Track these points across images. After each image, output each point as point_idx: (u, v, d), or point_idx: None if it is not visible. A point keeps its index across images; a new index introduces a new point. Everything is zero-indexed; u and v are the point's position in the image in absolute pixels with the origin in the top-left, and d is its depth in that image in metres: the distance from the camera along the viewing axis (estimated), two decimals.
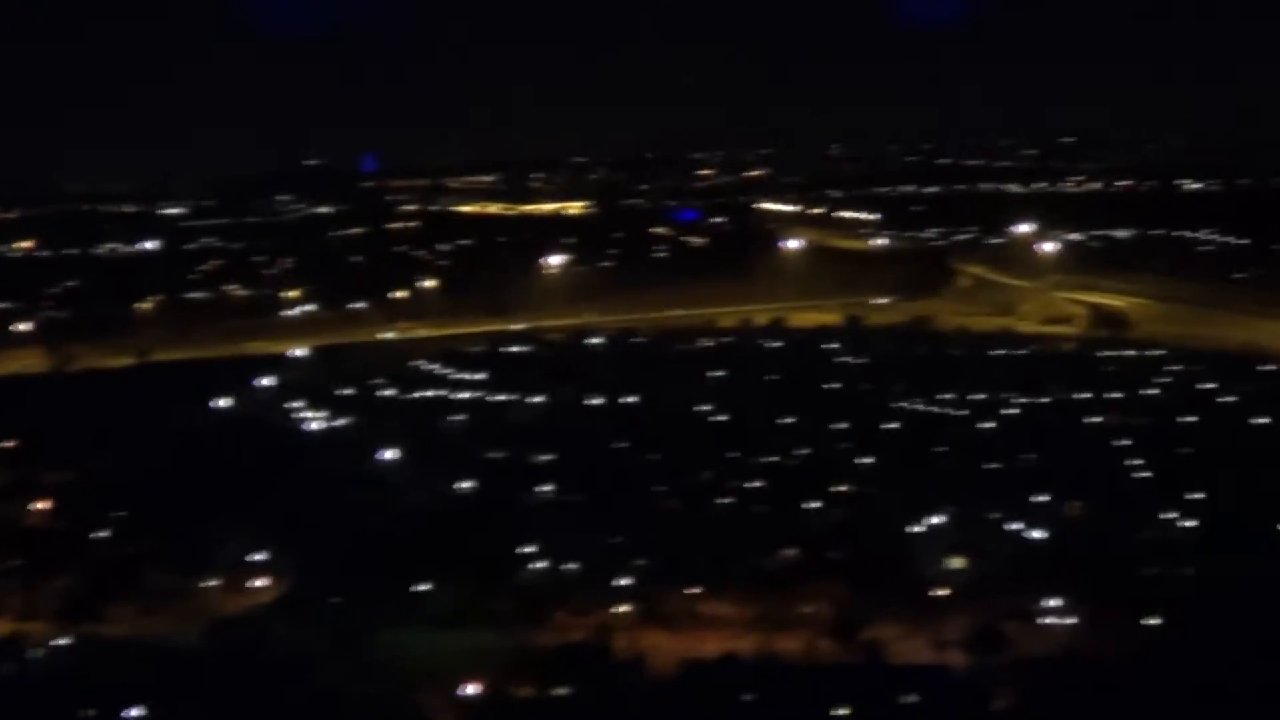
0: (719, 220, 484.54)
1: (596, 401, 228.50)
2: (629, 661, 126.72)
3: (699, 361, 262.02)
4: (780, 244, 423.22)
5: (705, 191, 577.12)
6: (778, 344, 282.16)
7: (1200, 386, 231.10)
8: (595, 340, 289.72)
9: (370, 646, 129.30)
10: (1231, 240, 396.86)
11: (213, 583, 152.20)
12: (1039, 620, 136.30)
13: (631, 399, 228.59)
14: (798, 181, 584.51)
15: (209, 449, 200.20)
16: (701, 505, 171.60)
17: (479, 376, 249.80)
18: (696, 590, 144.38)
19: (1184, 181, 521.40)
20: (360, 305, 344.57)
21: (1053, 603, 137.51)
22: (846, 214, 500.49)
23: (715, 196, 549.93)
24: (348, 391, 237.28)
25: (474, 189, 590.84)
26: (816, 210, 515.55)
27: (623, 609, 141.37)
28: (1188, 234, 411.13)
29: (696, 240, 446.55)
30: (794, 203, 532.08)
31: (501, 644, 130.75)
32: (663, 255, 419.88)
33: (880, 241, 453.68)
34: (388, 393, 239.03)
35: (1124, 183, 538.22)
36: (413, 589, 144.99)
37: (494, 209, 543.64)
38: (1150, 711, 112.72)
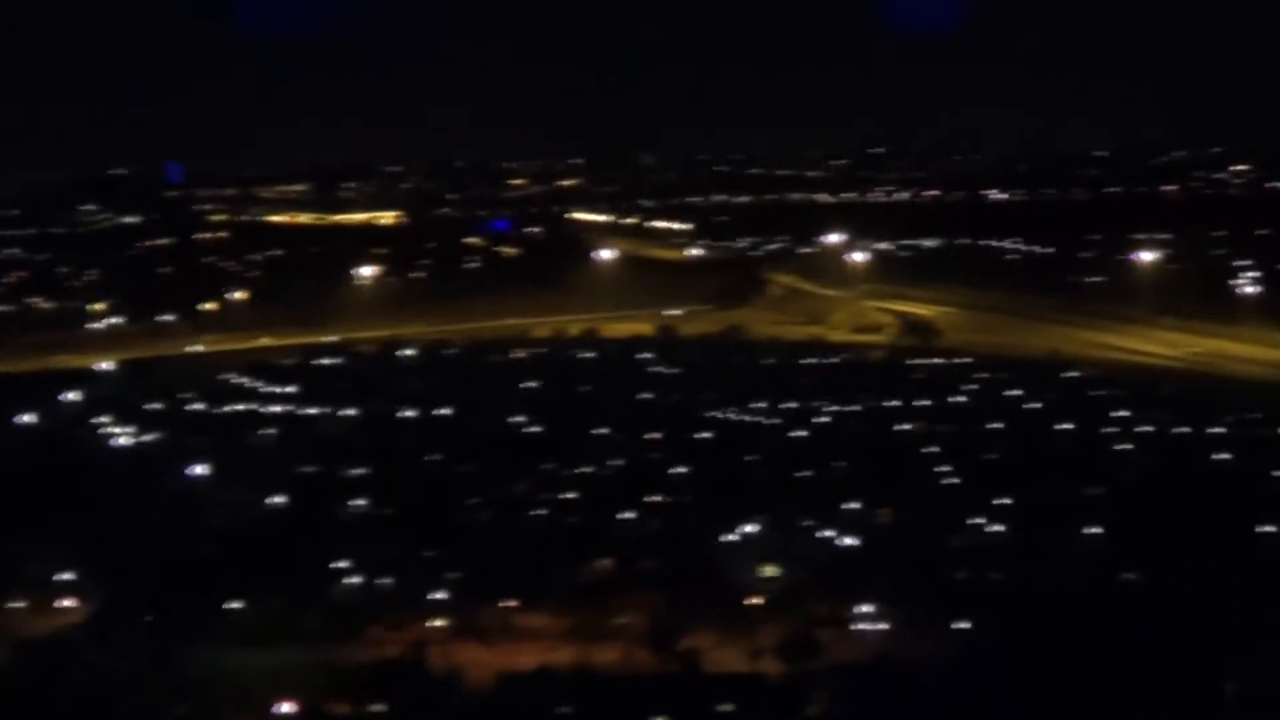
0: (532, 230, 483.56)
1: (409, 414, 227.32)
2: (445, 676, 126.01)
3: (512, 373, 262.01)
4: (593, 254, 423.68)
5: (518, 201, 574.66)
6: (591, 354, 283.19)
7: (1006, 394, 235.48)
8: (408, 352, 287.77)
9: (182, 666, 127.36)
10: (1036, 250, 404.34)
11: (17, 604, 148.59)
12: (851, 626, 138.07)
13: (444, 411, 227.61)
14: (611, 191, 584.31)
15: (12, 466, 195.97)
16: (515, 517, 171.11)
17: (290, 389, 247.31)
18: (512, 603, 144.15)
19: (990, 192, 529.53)
20: (168, 317, 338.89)
21: (865, 609, 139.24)
22: (659, 224, 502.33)
23: (528, 206, 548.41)
24: (156, 406, 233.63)
25: (284, 198, 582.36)
26: (630, 220, 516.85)
27: (438, 623, 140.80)
28: (994, 244, 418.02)
29: (509, 250, 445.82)
30: (607, 212, 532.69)
31: (316, 661, 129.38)
32: (475, 266, 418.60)
33: (693, 251, 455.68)
34: (197, 407, 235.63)
35: (931, 193, 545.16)
36: (224, 607, 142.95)
37: (304, 218, 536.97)
38: (961, 714, 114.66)
